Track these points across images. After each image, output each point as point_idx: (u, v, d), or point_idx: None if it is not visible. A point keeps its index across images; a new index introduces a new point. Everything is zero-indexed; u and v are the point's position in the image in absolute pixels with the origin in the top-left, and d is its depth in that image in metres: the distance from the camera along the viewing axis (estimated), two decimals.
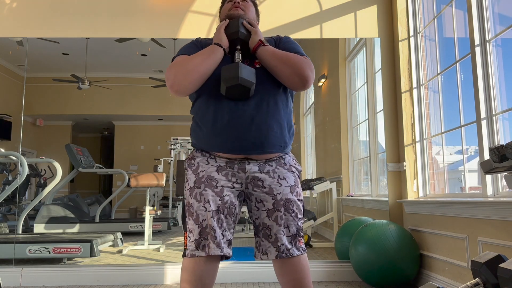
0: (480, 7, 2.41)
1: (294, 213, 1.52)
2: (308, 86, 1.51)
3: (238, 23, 1.56)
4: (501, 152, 1.31)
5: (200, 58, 1.48)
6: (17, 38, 3.52)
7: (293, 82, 1.50)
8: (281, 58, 1.49)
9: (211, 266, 1.46)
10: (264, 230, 1.52)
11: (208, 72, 1.49)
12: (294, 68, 1.47)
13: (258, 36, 1.56)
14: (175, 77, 1.45)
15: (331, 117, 4.04)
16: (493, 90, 2.34)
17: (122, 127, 5.37)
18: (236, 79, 1.40)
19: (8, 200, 4.29)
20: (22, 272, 3.04)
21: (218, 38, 1.56)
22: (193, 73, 1.45)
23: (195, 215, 1.48)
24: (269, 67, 1.51)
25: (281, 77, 1.50)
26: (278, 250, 1.48)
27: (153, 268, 3.13)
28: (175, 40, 3.87)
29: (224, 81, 1.43)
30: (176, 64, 1.49)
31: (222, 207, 1.48)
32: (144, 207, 4.18)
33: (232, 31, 1.56)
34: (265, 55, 1.51)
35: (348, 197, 3.79)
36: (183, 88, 1.46)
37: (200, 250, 1.44)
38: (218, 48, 1.52)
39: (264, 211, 1.52)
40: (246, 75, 1.42)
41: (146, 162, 5.11)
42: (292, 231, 1.51)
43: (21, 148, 3.36)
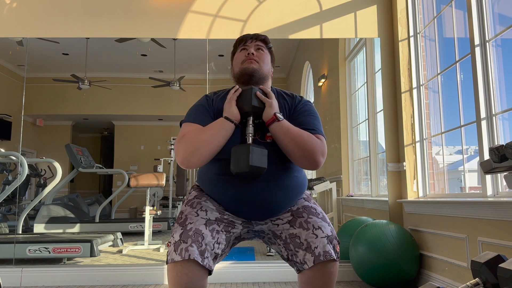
0: (480, 7, 2.41)
1: (321, 215, 1.45)
2: (316, 169, 1.45)
3: (251, 95, 1.44)
4: (501, 152, 1.31)
5: (210, 134, 1.40)
6: (17, 38, 3.52)
7: (302, 164, 1.44)
8: (294, 139, 1.40)
9: (195, 275, 1.31)
10: (292, 239, 1.41)
11: (218, 149, 1.42)
12: (306, 152, 1.40)
13: (272, 109, 1.44)
14: (184, 154, 1.40)
15: (331, 117, 4.04)
16: (493, 90, 2.34)
17: (122, 127, 5.37)
18: (245, 167, 1.33)
19: (8, 200, 4.29)
20: (22, 272, 3.04)
21: (229, 112, 1.45)
22: (202, 151, 1.39)
23: (183, 218, 1.40)
24: (280, 144, 1.43)
25: (291, 156, 1.43)
26: (313, 254, 1.35)
27: (153, 268, 3.14)
28: (175, 40, 3.87)
29: (234, 167, 1.36)
30: (185, 140, 1.42)
31: (220, 220, 1.43)
32: (144, 207, 4.18)
33: (245, 104, 1.45)
34: (278, 133, 1.42)
35: (348, 197, 3.79)
36: (193, 165, 1.42)
37: (177, 254, 1.31)
38: (228, 123, 1.43)
39: (285, 223, 1.45)
40: (257, 161, 1.34)
41: (146, 162, 5.11)
42: (326, 232, 1.39)
43: (21, 148, 3.36)
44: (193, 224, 1.36)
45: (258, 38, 1.62)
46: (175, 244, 1.32)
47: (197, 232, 1.34)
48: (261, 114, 1.46)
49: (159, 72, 4.98)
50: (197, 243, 1.32)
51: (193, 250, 1.30)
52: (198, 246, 1.32)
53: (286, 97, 1.60)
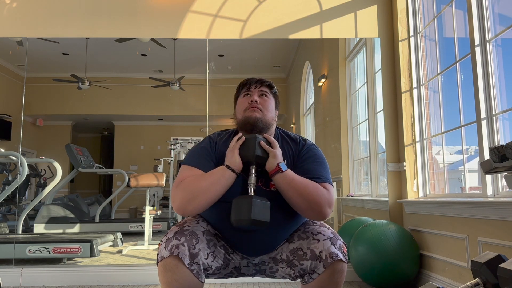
0: (480, 7, 2.41)
1: (318, 223, 1.43)
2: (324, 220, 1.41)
3: (255, 145, 1.39)
4: (501, 152, 1.31)
5: (209, 182, 1.35)
6: (17, 38, 3.52)
7: (307, 216, 1.39)
8: (298, 190, 1.34)
9: (187, 284, 1.27)
10: (296, 254, 1.37)
11: (217, 198, 1.36)
12: (311, 204, 1.34)
13: (276, 159, 1.39)
14: (181, 202, 1.34)
15: (331, 117, 4.04)
16: (493, 90, 2.34)
17: (122, 127, 5.38)
18: (247, 221, 1.28)
19: (8, 200, 4.29)
20: (22, 272, 3.04)
21: (231, 161, 1.39)
22: (199, 199, 1.33)
23: (181, 222, 1.39)
24: (284, 196, 1.38)
25: (296, 208, 1.37)
26: (320, 259, 1.31)
27: (153, 268, 3.13)
28: (175, 40, 3.87)
29: (235, 219, 1.31)
30: (183, 186, 1.36)
31: (220, 238, 1.41)
32: (144, 207, 4.18)
33: (247, 153, 1.40)
34: (282, 184, 1.36)
35: (348, 197, 3.79)
36: (189, 213, 1.36)
37: (166, 250, 1.27)
38: (229, 173, 1.37)
39: (283, 244, 1.44)
40: (260, 215, 1.28)
41: (146, 162, 5.11)
42: (328, 234, 1.36)
43: (21, 148, 3.36)
44: (191, 227, 1.33)
45: (262, 83, 1.55)
46: (167, 240, 1.29)
47: (193, 234, 1.30)
48: (265, 163, 1.41)
49: (159, 72, 4.98)
50: (189, 244, 1.28)
51: (184, 250, 1.26)
52: (190, 247, 1.27)
53: (290, 142, 1.54)
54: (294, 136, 1.57)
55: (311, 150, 1.51)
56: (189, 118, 5.23)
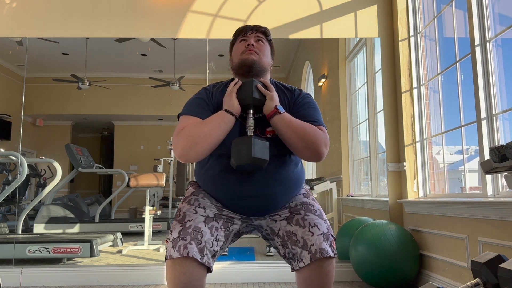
0: (480, 7, 2.41)
1: (318, 212, 1.45)
2: (320, 160, 1.43)
3: (252, 87, 1.42)
4: (501, 152, 1.31)
5: (209, 128, 1.37)
6: (17, 38, 3.52)
7: (305, 156, 1.42)
8: (296, 131, 1.38)
9: (194, 273, 1.29)
10: (290, 237, 1.40)
11: (218, 142, 1.39)
12: (309, 143, 1.38)
13: (273, 102, 1.42)
14: (183, 149, 1.37)
15: (331, 117, 4.04)
16: (493, 90, 2.34)
17: (122, 127, 5.37)
18: (248, 159, 1.30)
19: (8, 200, 4.29)
20: (22, 272, 3.04)
21: (229, 104, 1.42)
22: (201, 145, 1.36)
23: (181, 215, 1.38)
24: (282, 137, 1.41)
25: (293, 149, 1.41)
26: (310, 252, 1.34)
27: (153, 268, 3.13)
28: (175, 40, 3.87)
29: (236, 160, 1.33)
30: (184, 134, 1.38)
31: (219, 217, 1.42)
32: (144, 207, 4.18)
33: (245, 96, 1.42)
34: (280, 125, 1.40)
35: (348, 197, 3.79)
36: (191, 159, 1.39)
37: (175, 251, 1.28)
38: (229, 116, 1.40)
39: (283, 219, 1.45)
40: (260, 153, 1.31)
41: (146, 162, 5.11)
42: (323, 229, 1.38)
43: (21, 148, 3.36)
44: (192, 222, 1.35)
45: (258, 29, 1.59)
46: (174, 240, 1.30)
47: (196, 230, 1.32)
48: (262, 107, 1.44)
49: (159, 72, 4.98)
50: (196, 240, 1.30)
51: (192, 248, 1.28)
52: (197, 243, 1.30)
53: (285, 91, 1.58)
54: (289, 86, 1.61)
55: (306, 97, 1.56)
56: None
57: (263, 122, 1.46)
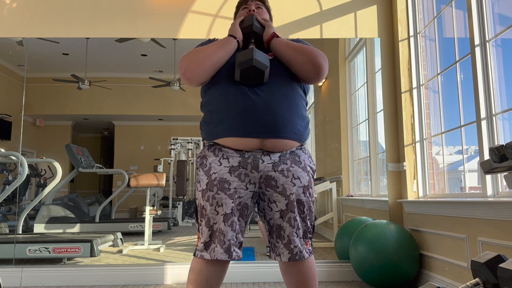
0: (480, 7, 2.41)
1: (304, 214, 1.52)
2: (322, 75, 1.52)
3: (253, 18, 1.61)
4: (501, 152, 1.31)
5: (214, 47, 1.51)
6: (17, 38, 3.52)
7: (307, 71, 1.50)
8: (295, 48, 1.52)
9: (218, 268, 1.47)
10: (278, 231, 1.51)
11: (221, 61, 1.51)
12: (308, 56, 1.49)
13: (271, 29, 1.61)
14: (188, 64, 1.47)
15: (331, 117, 4.04)
16: (493, 90, 2.34)
17: (122, 127, 5.37)
18: (250, 61, 1.41)
19: (8, 200, 4.29)
20: (22, 272, 3.04)
21: (233, 30, 1.60)
22: (206, 61, 1.47)
23: (206, 218, 1.48)
24: (283, 57, 1.53)
25: (295, 66, 1.52)
26: (291, 252, 1.48)
27: (153, 268, 3.13)
28: (175, 40, 3.87)
29: (239, 65, 1.44)
30: (190, 53, 1.51)
31: (235, 209, 1.47)
32: (144, 207, 4.18)
33: (247, 24, 1.60)
34: (279, 46, 1.54)
35: (348, 197, 3.79)
36: (195, 76, 1.47)
37: (207, 253, 1.46)
38: (232, 39, 1.56)
39: (277, 211, 1.50)
40: (261, 58, 1.44)
41: (146, 162, 5.10)
42: (300, 233, 1.51)
43: (21, 148, 3.36)
44: (217, 224, 1.45)
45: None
46: (205, 244, 1.46)
47: (221, 233, 1.44)
48: (261, 37, 1.61)
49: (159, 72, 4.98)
50: (222, 243, 1.44)
51: (219, 250, 1.43)
52: (221, 244, 1.43)
53: None
54: None
55: (301, 40, 1.69)
56: (189, 118, 5.23)
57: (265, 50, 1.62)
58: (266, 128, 1.44)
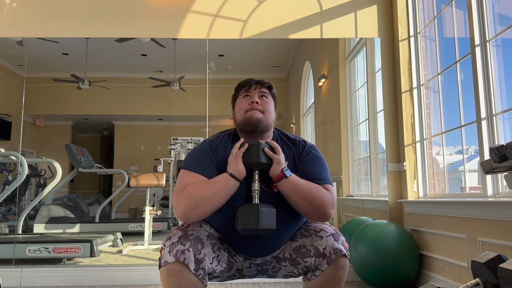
0: (480, 7, 2.41)
1: (319, 222, 1.46)
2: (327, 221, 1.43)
3: (259, 152, 1.38)
4: (501, 152, 1.31)
5: (212, 191, 1.33)
6: (17, 38, 3.52)
7: (312, 218, 1.41)
8: (303, 194, 1.36)
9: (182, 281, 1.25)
10: (299, 252, 1.39)
11: (220, 206, 1.35)
12: (316, 206, 1.36)
13: (280, 165, 1.38)
14: (184, 210, 1.33)
15: (331, 117, 4.04)
16: (493, 90, 2.34)
17: (122, 127, 5.37)
18: (255, 231, 1.29)
19: (8, 200, 4.29)
20: (22, 272, 3.04)
21: (235, 169, 1.37)
22: (203, 208, 1.32)
23: (185, 225, 1.38)
24: (290, 200, 1.39)
25: (300, 211, 1.39)
26: (324, 256, 1.33)
27: (153, 268, 3.13)
28: (175, 40, 3.86)
29: (242, 230, 1.32)
30: (186, 194, 1.34)
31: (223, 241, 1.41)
32: (144, 207, 4.18)
33: (252, 161, 1.38)
34: (287, 189, 1.37)
35: (348, 197, 3.79)
36: (192, 221, 1.36)
37: (171, 255, 1.25)
38: (233, 181, 1.36)
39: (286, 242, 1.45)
40: (267, 223, 1.29)
41: (146, 162, 5.11)
42: (330, 231, 1.39)
43: (21, 148, 3.36)
44: (195, 232, 1.33)
45: (262, 84, 1.54)
46: (171, 245, 1.27)
47: (198, 239, 1.30)
48: (268, 169, 1.40)
49: (159, 72, 4.98)
50: (195, 249, 1.27)
51: (189, 255, 1.25)
52: (195, 252, 1.26)
53: (289, 144, 1.54)
54: (294, 138, 1.57)
55: (312, 152, 1.52)
56: (189, 118, 5.23)
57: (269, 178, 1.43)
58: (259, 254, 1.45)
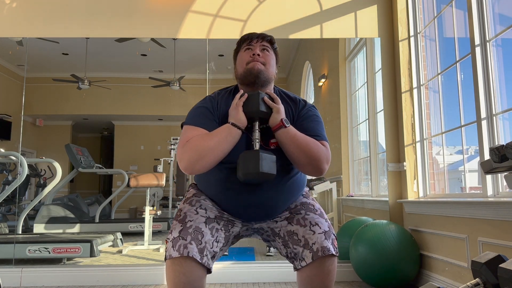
0: (480, 7, 2.41)
1: (319, 211, 1.46)
2: (321, 175, 1.46)
3: (259, 100, 1.42)
4: (501, 152, 1.31)
5: (216, 141, 1.36)
6: (17, 38, 3.52)
7: (306, 170, 1.43)
8: (300, 146, 1.39)
9: (194, 277, 1.29)
10: (291, 237, 1.41)
11: (224, 156, 1.38)
12: (311, 159, 1.39)
13: (280, 115, 1.42)
14: (189, 161, 1.36)
15: (331, 117, 4.04)
16: (493, 90, 2.34)
17: (122, 127, 5.37)
18: (256, 174, 1.31)
19: (8, 200, 4.29)
20: (22, 272, 3.04)
21: (236, 118, 1.41)
22: (207, 158, 1.35)
23: (181, 216, 1.38)
24: (286, 151, 1.42)
25: (295, 162, 1.42)
26: (311, 250, 1.35)
27: (153, 268, 3.13)
28: (175, 40, 3.86)
29: (243, 173, 1.34)
30: (190, 146, 1.37)
31: (220, 219, 1.43)
32: (144, 207, 4.18)
33: (252, 109, 1.42)
34: (285, 139, 1.40)
35: (348, 197, 3.79)
36: (196, 172, 1.39)
37: (174, 250, 1.29)
38: (236, 130, 1.39)
39: (283, 220, 1.46)
40: (267, 167, 1.32)
41: (146, 162, 5.10)
42: (324, 228, 1.39)
43: (21, 148, 3.36)
44: (193, 222, 1.35)
45: (264, 38, 1.56)
46: (174, 240, 1.30)
47: (197, 230, 1.33)
48: (268, 119, 1.44)
49: (159, 72, 4.97)
50: (196, 240, 1.30)
51: (192, 248, 1.28)
52: (197, 243, 1.30)
53: (289, 101, 1.57)
54: (294, 96, 1.61)
55: (311, 110, 1.56)
56: None
57: (267, 133, 1.47)
58: (258, 218, 1.47)
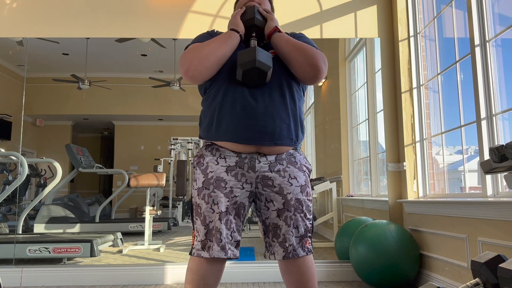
0: (480, 7, 2.41)
1: (303, 213, 1.51)
2: (320, 78, 1.49)
3: (254, 10, 1.56)
4: (501, 152, 1.31)
5: (217, 43, 1.46)
6: (17, 38, 3.52)
7: (305, 72, 1.47)
8: (295, 46, 1.47)
9: (215, 267, 1.46)
10: (274, 230, 1.51)
11: (224, 57, 1.47)
12: (307, 57, 1.45)
13: (274, 22, 1.56)
14: (191, 62, 1.42)
15: (331, 117, 4.04)
16: (493, 90, 2.34)
17: (122, 127, 5.37)
18: (253, 62, 1.38)
19: (8, 200, 4.29)
20: (22, 272, 3.04)
21: (234, 23, 1.55)
22: (209, 58, 1.42)
23: (202, 216, 1.47)
24: (282, 54, 1.50)
25: (293, 65, 1.48)
26: (285, 250, 1.48)
27: (153, 268, 3.14)
28: (175, 40, 3.86)
29: (241, 65, 1.40)
30: (191, 50, 1.46)
31: (231, 208, 1.47)
32: (144, 207, 4.18)
33: (248, 17, 1.55)
34: (280, 41, 1.50)
35: (348, 197, 3.79)
36: (198, 73, 1.43)
37: (205, 251, 1.45)
38: (234, 33, 1.51)
39: (274, 211, 1.50)
40: (264, 58, 1.40)
41: (146, 162, 5.10)
42: (301, 232, 1.50)
43: (21, 148, 3.36)
44: (213, 222, 1.44)
45: None
46: (202, 242, 1.45)
47: (217, 230, 1.44)
48: (263, 30, 1.56)
49: (159, 72, 4.98)
50: (218, 241, 1.43)
51: (217, 250, 1.43)
52: (218, 242, 1.43)
53: None
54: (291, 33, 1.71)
55: (303, 35, 1.66)
56: (189, 118, 5.23)
57: (266, 45, 1.59)
58: (264, 135, 1.45)
